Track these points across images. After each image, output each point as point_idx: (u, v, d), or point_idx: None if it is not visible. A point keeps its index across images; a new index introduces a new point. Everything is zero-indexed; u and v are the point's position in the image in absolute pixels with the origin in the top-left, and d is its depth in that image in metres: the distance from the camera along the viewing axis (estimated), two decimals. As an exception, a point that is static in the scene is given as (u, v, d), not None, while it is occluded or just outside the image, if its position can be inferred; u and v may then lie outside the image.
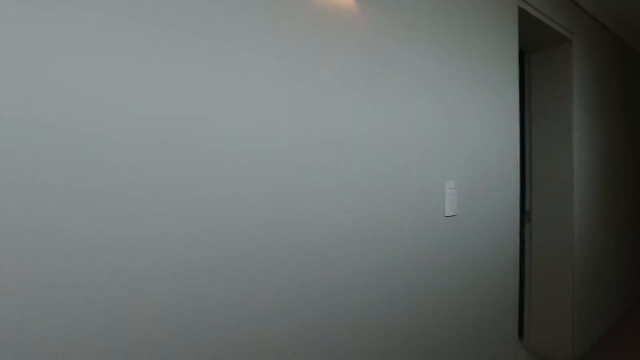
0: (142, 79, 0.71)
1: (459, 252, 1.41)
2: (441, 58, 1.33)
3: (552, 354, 2.42)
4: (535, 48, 2.38)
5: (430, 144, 1.28)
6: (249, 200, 0.84)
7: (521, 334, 2.59)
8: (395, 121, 1.16)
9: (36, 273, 0.60)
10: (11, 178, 0.58)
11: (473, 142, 1.47)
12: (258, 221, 0.86)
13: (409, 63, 1.21)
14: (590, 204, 2.55)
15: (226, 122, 0.81)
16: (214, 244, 0.79)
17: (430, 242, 1.28)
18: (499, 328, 1.64)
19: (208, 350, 0.78)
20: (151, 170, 0.71)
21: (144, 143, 0.71)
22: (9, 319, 0.58)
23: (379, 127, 1.11)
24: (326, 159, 0.98)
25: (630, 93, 3.38)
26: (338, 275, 1.01)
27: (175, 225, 0.74)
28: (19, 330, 0.59)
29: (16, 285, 0.59)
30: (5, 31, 0.58)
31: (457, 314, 1.41)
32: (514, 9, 1.73)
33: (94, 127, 0.66)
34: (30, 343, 0.60)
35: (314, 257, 0.96)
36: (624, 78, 3.23)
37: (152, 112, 0.72)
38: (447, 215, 1.34)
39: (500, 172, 1.63)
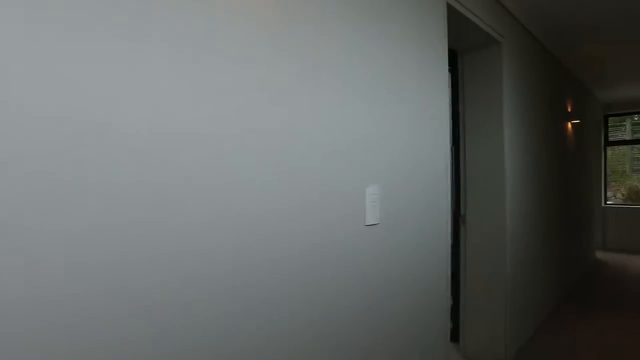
0: None
1: (383, 262, 1.28)
2: (363, 50, 1.19)
3: (486, 357, 2.41)
4: (467, 49, 2.36)
5: (347, 145, 1.13)
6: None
7: (457, 338, 2.56)
8: (302, 119, 1.00)
9: None
10: None
11: (398, 142, 1.35)
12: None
13: (323, 52, 1.05)
14: (522, 206, 2.59)
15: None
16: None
17: (348, 255, 1.13)
18: (430, 334, 1.55)
19: None
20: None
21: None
22: None
23: (280, 123, 0.94)
24: (206, 162, 0.79)
25: (558, 101, 3.55)
26: (235, 307, 0.82)
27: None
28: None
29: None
30: None
31: (384, 324, 1.28)
32: (442, 4, 1.66)
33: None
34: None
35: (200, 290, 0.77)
36: (553, 86, 3.37)
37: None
38: (368, 224, 1.20)
39: (429, 174, 1.54)
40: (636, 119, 6.33)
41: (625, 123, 6.33)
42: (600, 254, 5.47)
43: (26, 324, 0.56)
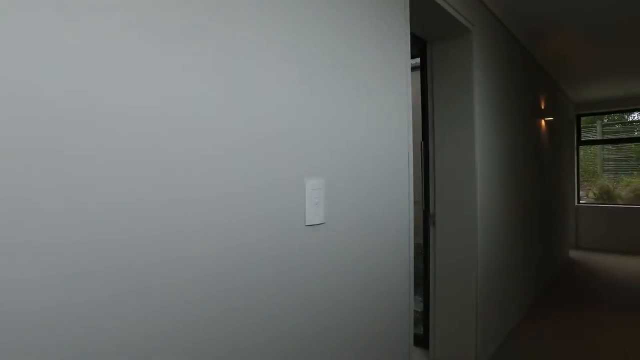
0: None
1: (331, 267, 1.11)
2: (303, 20, 1.01)
3: (456, 365, 2.28)
4: (436, 37, 2.22)
5: (282, 127, 0.95)
6: None
7: (427, 344, 2.42)
8: (220, 91, 0.81)
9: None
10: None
11: (348, 131, 1.18)
12: None
13: (260, 17, 0.87)
14: (494, 206, 2.47)
15: None
16: None
17: (279, 263, 0.95)
18: (391, 345, 1.39)
19: None
20: None
21: None
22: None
23: (197, 96, 0.75)
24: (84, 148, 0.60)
25: (532, 97, 3.47)
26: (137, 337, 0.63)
27: None
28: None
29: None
30: None
31: (332, 341, 1.10)
32: (404, -19, 1.50)
33: None
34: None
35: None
36: (526, 81, 3.29)
37: None
38: (309, 224, 1.02)
39: (388, 168, 1.37)
40: (606, 120, 6.42)
41: (596, 124, 6.42)
42: (573, 253, 5.49)
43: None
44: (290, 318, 0.97)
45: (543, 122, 3.85)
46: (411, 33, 2.16)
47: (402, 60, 1.46)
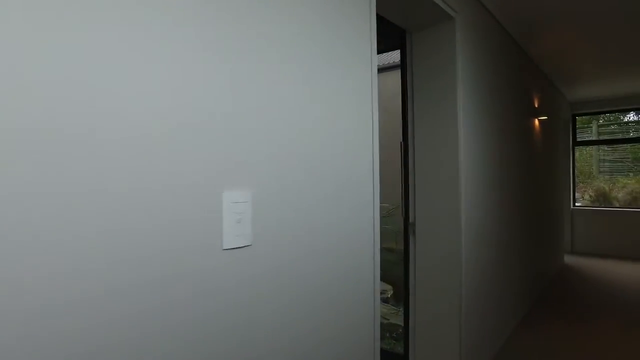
0: None
1: (266, 299, 0.87)
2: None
3: (439, 389, 2.05)
4: (416, 25, 1.99)
5: (193, 121, 0.72)
6: None
7: (408, 365, 2.19)
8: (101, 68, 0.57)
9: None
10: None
11: (289, 126, 0.95)
12: None
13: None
14: (480, 210, 2.24)
15: None
16: None
17: (190, 302, 0.71)
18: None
19: None
20: None
21: None
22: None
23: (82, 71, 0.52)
24: None
25: (524, 95, 3.26)
26: None
27: None
28: None
29: None
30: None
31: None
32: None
33: None
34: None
35: None
36: (518, 77, 3.07)
37: None
38: (228, 247, 0.78)
39: (346, 174, 1.14)
40: (601, 121, 6.24)
41: (591, 125, 6.23)
42: (568, 259, 5.27)
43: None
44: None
45: (537, 121, 3.64)
46: (388, 22, 1.94)
47: (362, 35, 1.22)
